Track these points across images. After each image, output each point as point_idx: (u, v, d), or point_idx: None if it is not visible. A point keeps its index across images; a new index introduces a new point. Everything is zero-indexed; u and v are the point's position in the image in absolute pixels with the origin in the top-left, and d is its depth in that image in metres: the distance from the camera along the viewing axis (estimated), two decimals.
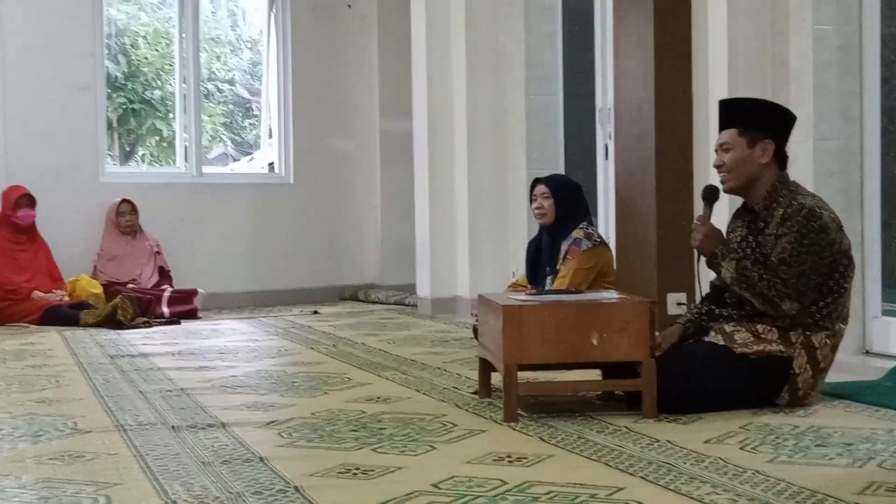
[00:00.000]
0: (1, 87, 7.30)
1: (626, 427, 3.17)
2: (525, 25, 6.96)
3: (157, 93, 10.26)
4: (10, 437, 3.20)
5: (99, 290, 7.00)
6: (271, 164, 8.73)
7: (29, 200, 7.11)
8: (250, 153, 10.30)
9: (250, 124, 10.83)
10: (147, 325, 6.59)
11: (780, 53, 4.64)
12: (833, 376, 3.61)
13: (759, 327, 3.40)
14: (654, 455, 2.79)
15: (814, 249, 3.31)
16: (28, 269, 7.05)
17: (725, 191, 3.55)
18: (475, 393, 3.80)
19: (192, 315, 7.09)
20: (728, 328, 3.47)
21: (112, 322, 6.51)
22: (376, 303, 8.10)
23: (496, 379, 3.61)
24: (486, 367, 3.75)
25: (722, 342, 3.43)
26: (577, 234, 4.74)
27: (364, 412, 3.53)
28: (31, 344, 5.75)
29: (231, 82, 11.05)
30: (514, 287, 5.11)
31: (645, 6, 4.97)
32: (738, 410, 3.33)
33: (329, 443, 3.06)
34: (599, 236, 4.92)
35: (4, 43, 7.33)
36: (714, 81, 4.76)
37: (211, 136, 9.63)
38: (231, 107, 11.15)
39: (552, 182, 5.00)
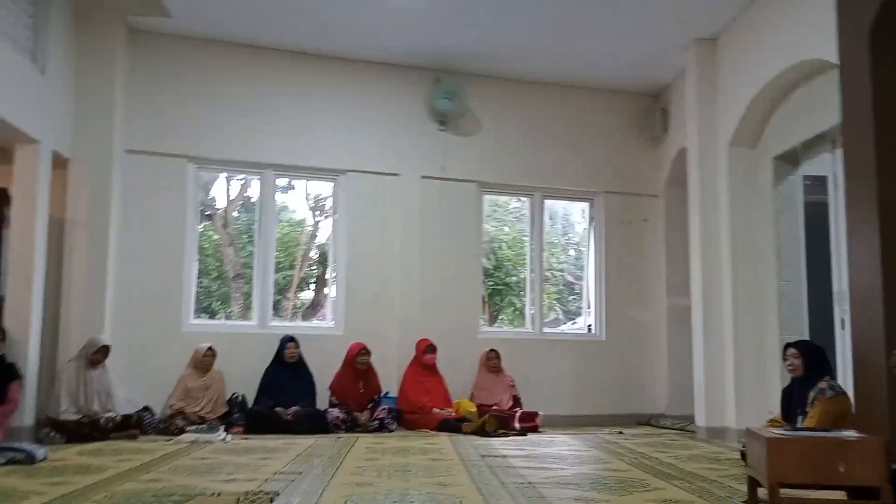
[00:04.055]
0: (420, 276, 7.88)
1: None
2: (776, 230, 6.67)
3: (513, 279, 10.70)
4: None
5: (474, 409, 7.19)
6: (589, 326, 8.71)
7: (432, 348, 7.52)
8: (574, 319, 10.39)
9: (574, 299, 10.97)
10: (505, 435, 6.66)
11: None
12: None
13: None
14: None
15: None
16: (430, 393, 7.35)
17: None
18: (745, 502, 3.54)
19: (535, 429, 7.08)
20: None
21: (482, 432, 6.65)
22: (664, 428, 7.72)
23: (762, 493, 3.36)
24: (753, 483, 3.53)
25: None
26: (822, 384, 4.36)
27: None
28: (430, 444, 5.96)
29: (561, 271, 11.30)
30: (772, 423, 4.76)
31: (870, 215, 4.64)
32: None
33: None
34: (840, 387, 4.50)
35: (425, 249, 7.93)
36: None
37: (548, 307, 9.82)
38: (561, 287, 11.37)
39: (801, 345, 4.68)
